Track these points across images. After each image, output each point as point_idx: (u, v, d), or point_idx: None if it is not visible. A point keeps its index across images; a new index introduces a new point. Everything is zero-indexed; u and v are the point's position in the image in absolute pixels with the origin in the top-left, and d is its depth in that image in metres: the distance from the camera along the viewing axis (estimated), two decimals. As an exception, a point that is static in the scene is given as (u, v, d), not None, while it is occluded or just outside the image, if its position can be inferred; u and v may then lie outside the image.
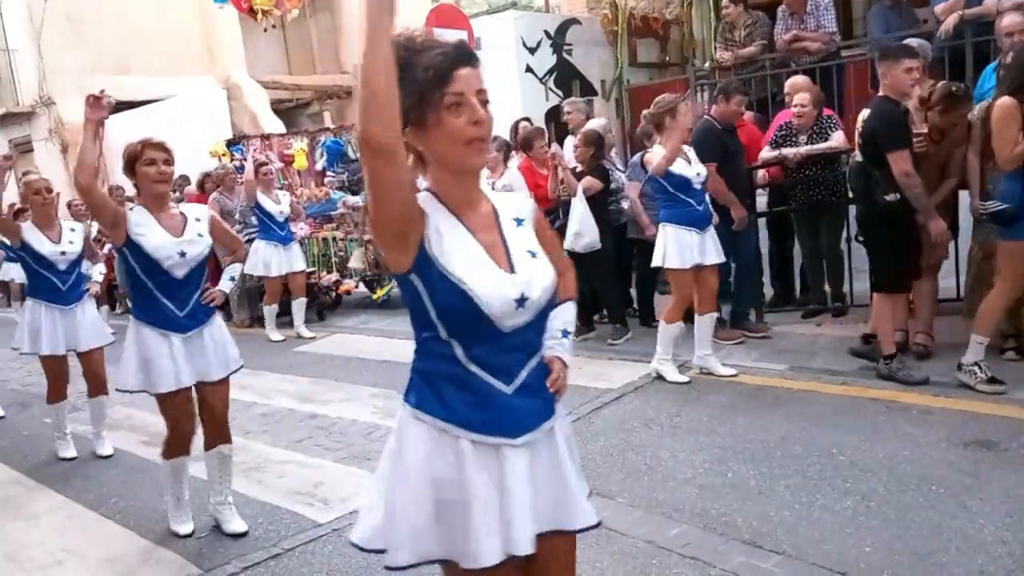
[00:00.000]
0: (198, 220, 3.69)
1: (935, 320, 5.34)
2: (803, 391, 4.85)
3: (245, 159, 10.90)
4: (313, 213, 9.88)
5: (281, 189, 8.92)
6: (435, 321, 1.71)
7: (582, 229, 6.21)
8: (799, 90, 6.22)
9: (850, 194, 6.00)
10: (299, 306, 8.51)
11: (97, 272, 5.40)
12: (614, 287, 6.81)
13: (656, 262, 5.39)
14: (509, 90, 9.62)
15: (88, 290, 5.19)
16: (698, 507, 3.56)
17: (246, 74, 16.98)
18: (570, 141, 7.82)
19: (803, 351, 5.66)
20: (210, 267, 3.86)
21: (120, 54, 15.77)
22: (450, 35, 1.87)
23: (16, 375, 7.79)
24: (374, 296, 9.33)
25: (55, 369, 5.13)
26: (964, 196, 5.36)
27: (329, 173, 10.12)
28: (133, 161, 3.48)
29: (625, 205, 6.88)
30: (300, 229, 9.14)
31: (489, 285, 1.69)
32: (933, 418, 4.29)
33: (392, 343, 7.48)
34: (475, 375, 1.73)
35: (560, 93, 10.25)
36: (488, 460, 1.73)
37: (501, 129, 7.81)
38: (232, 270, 4.01)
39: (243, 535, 3.73)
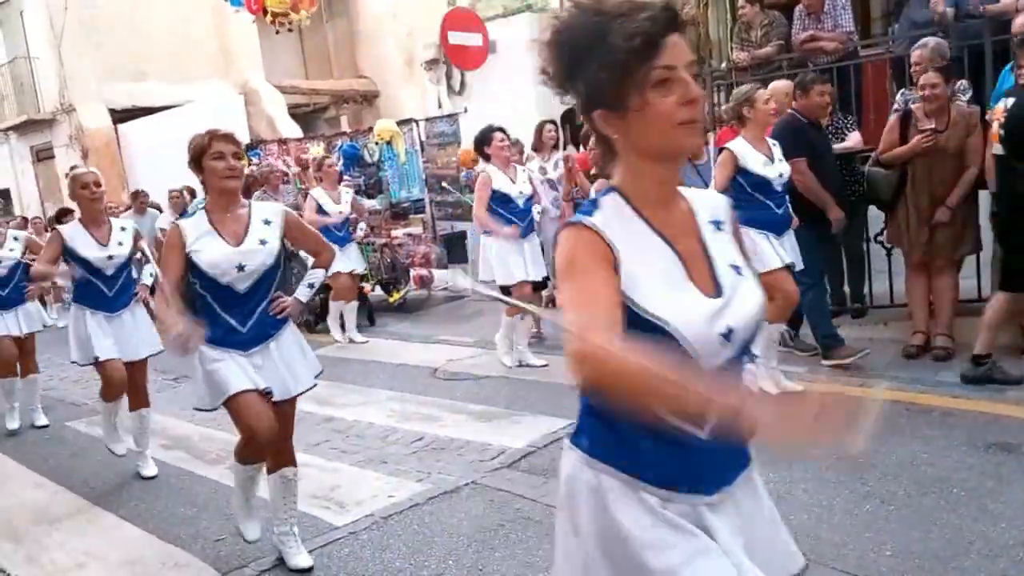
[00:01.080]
0: (267, 223, 3.26)
1: (956, 320, 5.29)
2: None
3: (262, 163, 10.98)
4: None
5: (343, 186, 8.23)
6: None
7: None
8: (779, 93, 6.11)
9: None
10: (351, 310, 8.09)
11: (147, 274, 4.98)
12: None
13: None
14: (524, 92, 9.62)
15: (137, 294, 4.83)
16: (716, 510, 3.53)
17: (263, 79, 17.09)
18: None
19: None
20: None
21: (137, 60, 15.94)
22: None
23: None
24: (390, 299, 9.34)
25: (113, 374, 4.67)
26: (984, 195, 5.30)
27: (346, 177, 10.17)
28: (200, 155, 3.15)
29: None
30: (360, 230, 8.48)
31: (692, 318, 1.37)
32: (954, 420, 4.25)
33: (409, 347, 7.50)
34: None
35: (575, 95, 10.24)
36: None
37: (524, 131, 7.83)
38: (312, 276, 3.49)
39: (308, 571, 3.40)
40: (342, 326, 8.10)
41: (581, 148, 7.68)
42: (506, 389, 5.78)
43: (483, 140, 6.30)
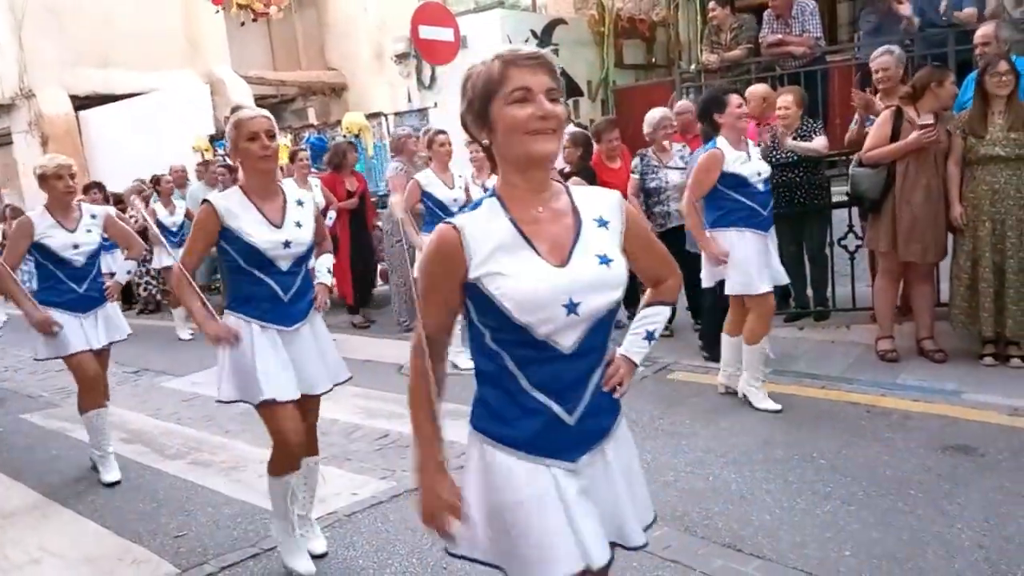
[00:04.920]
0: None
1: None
2: (785, 395, 4.86)
3: (227, 154, 10.81)
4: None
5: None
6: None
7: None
8: (755, 97, 6.16)
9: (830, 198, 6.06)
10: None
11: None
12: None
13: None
14: (495, 89, 9.61)
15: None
16: (679, 510, 3.56)
17: (230, 69, 16.86)
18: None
19: (785, 355, 5.68)
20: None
21: (101, 47, 15.62)
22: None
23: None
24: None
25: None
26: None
27: (313, 170, 10.08)
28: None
29: (674, 207, 6.13)
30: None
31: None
32: (912, 423, 4.33)
33: (375, 342, 7.45)
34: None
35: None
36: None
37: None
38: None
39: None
40: None
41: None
42: (469, 387, 5.74)
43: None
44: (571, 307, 1.66)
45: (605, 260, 1.72)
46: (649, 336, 1.95)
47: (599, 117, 11.11)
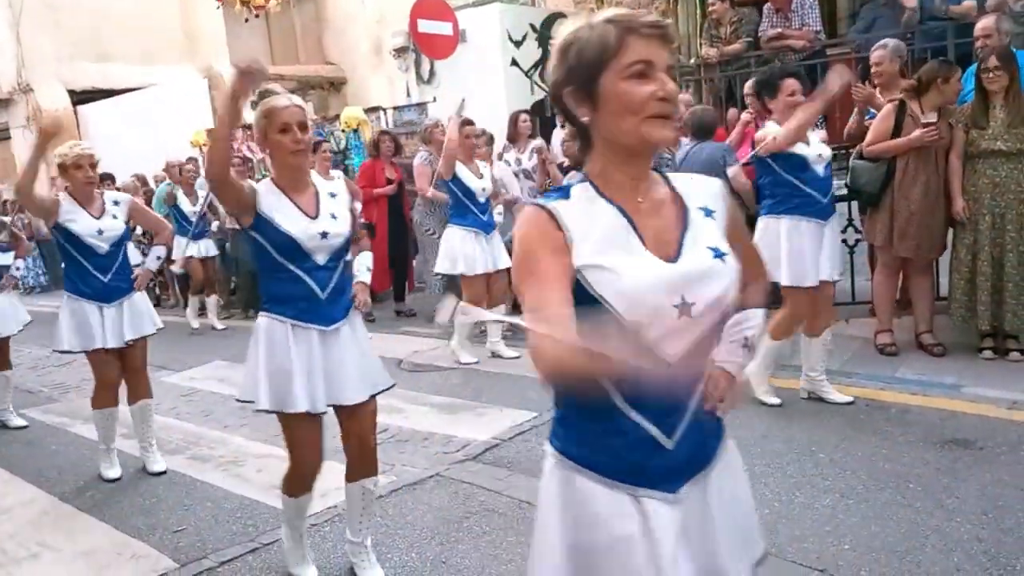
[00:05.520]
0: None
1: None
2: (783, 389, 4.86)
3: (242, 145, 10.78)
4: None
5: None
6: None
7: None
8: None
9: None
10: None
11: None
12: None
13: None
14: (494, 83, 9.58)
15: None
16: (678, 504, 3.55)
17: (228, 63, 16.83)
18: (557, 135, 7.81)
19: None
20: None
21: (99, 42, 15.61)
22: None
23: None
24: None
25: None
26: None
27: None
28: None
29: None
30: (499, 214, 6.82)
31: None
32: (911, 417, 4.33)
33: (373, 337, 7.43)
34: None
35: (546, 87, 10.23)
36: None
37: (494, 121, 7.78)
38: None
39: None
40: None
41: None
42: (471, 381, 5.76)
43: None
44: (684, 306, 1.43)
45: (719, 254, 1.51)
46: (747, 343, 1.69)
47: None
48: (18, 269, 5.82)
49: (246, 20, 12.06)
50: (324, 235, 2.93)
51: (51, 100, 15.38)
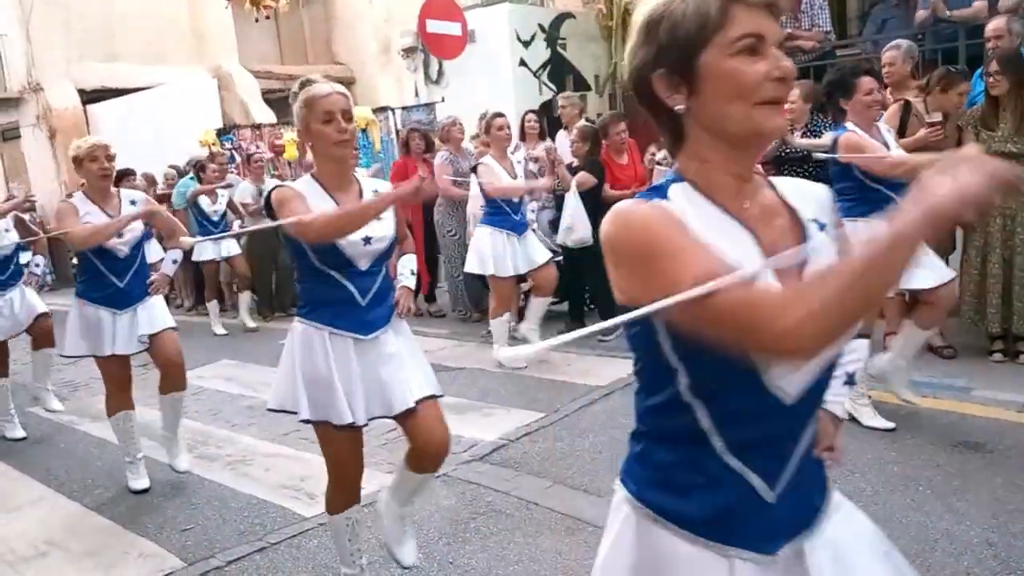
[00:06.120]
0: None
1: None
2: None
3: (235, 148, 10.78)
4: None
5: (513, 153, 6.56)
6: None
7: (574, 224, 6.24)
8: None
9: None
10: (540, 306, 6.35)
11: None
12: (607, 283, 6.77)
13: None
14: (502, 83, 9.57)
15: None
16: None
17: (237, 63, 16.88)
18: (562, 135, 7.80)
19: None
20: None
21: (109, 41, 15.66)
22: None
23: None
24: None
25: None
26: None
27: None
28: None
29: None
30: (531, 211, 6.75)
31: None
32: (921, 419, 4.30)
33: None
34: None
35: (554, 87, 10.22)
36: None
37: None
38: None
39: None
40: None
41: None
42: (479, 381, 5.75)
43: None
44: None
45: None
46: (850, 380, 1.49)
47: (607, 112, 11.09)
48: (37, 266, 5.76)
49: (256, 20, 12.08)
50: (367, 240, 2.73)
51: (61, 99, 15.44)
